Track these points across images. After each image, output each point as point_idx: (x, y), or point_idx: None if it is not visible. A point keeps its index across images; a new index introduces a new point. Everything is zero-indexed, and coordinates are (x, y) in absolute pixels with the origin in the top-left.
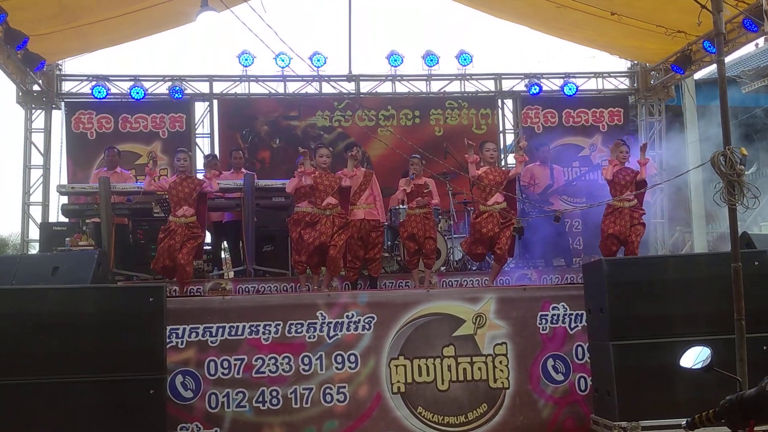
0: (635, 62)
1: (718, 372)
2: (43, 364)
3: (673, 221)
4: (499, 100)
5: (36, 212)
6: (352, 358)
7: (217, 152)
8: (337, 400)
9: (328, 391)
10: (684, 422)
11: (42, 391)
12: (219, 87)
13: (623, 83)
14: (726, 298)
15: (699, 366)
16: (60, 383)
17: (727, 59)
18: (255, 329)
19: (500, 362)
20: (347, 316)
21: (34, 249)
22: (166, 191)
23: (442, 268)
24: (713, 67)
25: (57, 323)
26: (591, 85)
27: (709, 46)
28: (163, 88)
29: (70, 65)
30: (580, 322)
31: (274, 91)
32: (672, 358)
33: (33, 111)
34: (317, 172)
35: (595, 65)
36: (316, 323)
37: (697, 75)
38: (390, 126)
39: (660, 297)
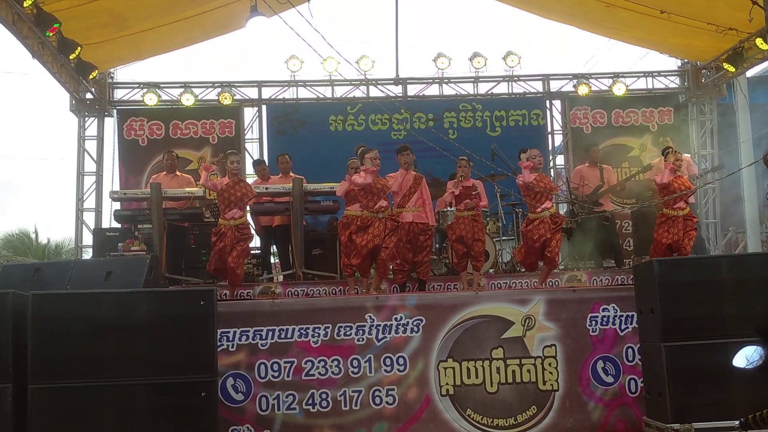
0: (686, 61)
1: None
2: (97, 367)
3: (725, 221)
4: (548, 101)
5: (89, 218)
6: (401, 361)
7: (265, 157)
8: (386, 403)
9: (377, 393)
10: (737, 423)
11: (96, 394)
12: (267, 92)
13: (674, 82)
14: None
15: (752, 365)
16: (114, 386)
17: None
18: (304, 332)
19: (549, 364)
20: (396, 319)
21: (88, 254)
22: (217, 192)
23: (491, 270)
24: (766, 64)
25: (111, 327)
26: (641, 84)
27: (762, 43)
28: (212, 95)
29: (122, 73)
30: (631, 324)
31: (321, 96)
32: (725, 359)
33: (86, 118)
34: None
35: (645, 64)
36: (364, 326)
37: (750, 73)
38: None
39: (712, 298)
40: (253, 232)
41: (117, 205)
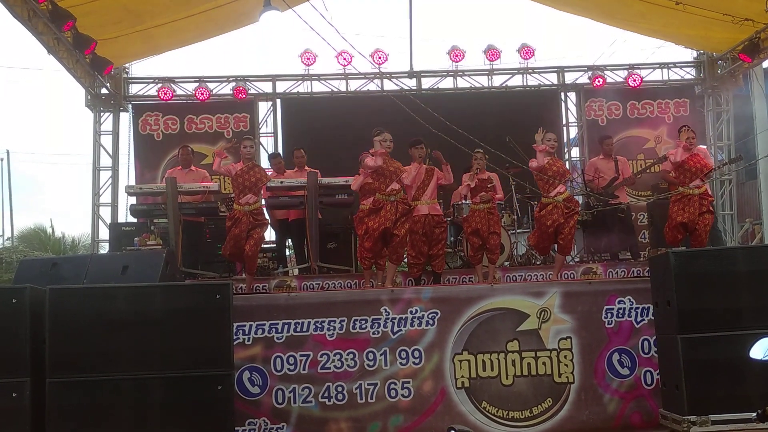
0: (701, 52)
1: None
2: (114, 361)
3: (742, 213)
4: (562, 93)
5: (105, 213)
6: (416, 354)
7: (280, 151)
8: (402, 396)
9: (392, 386)
10: (754, 415)
11: (113, 387)
12: (282, 86)
13: (689, 73)
14: None
15: None
16: (131, 380)
17: None
18: (320, 325)
19: (565, 356)
20: (411, 312)
21: (104, 249)
22: (232, 177)
23: (506, 263)
24: None
25: (127, 321)
26: (656, 76)
27: None
28: (227, 89)
29: (137, 68)
30: (647, 316)
31: (336, 89)
32: (741, 350)
33: (101, 114)
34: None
35: (660, 56)
36: (380, 319)
37: (766, 63)
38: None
39: (729, 289)
40: (267, 217)
41: (133, 200)
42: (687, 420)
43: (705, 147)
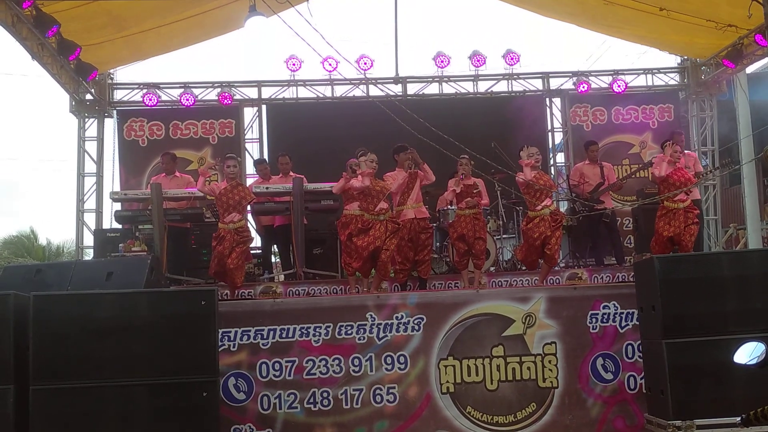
0: (685, 58)
1: None
2: (98, 368)
3: (726, 218)
4: (547, 99)
5: (90, 219)
6: (402, 359)
7: (266, 157)
8: (387, 401)
9: (378, 391)
10: (739, 419)
11: (98, 395)
12: (267, 92)
13: (673, 79)
14: None
15: (754, 362)
16: (115, 387)
17: None
18: (305, 331)
19: (549, 362)
20: (397, 318)
21: (89, 255)
22: (215, 197)
23: (492, 269)
24: (765, 60)
25: (112, 327)
26: (640, 81)
27: (761, 39)
28: (212, 95)
29: (122, 74)
30: (631, 321)
31: (321, 95)
32: (726, 355)
33: (86, 120)
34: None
35: (645, 62)
36: (365, 325)
37: (750, 69)
38: None
39: (713, 294)
40: (253, 234)
41: (117, 206)
42: (672, 425)
43: (695, 153)
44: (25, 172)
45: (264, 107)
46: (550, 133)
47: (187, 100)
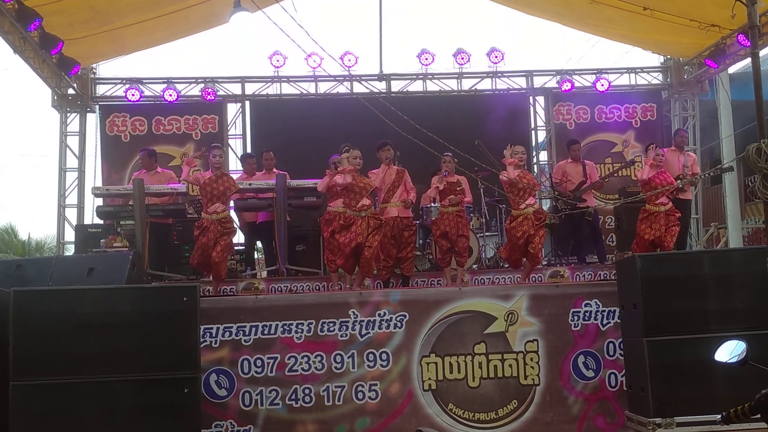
0: (668, 57)
1: (753, 366)
2: (79, 364)
3: (707, 217)
4: (531, 97)
5: (71, 214)
6: (384, 356)
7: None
8: (369, 398)
9: (360, 388)
10: (719, 417)
11: (79, 391)
12: (251, 88)
13: (656, 78)
14: (761, 293)
15: (734, 360)
16: (97, 383)
17: (762, 52)
18: (288, 328)
19: (531, 359)
20: (379, 315)
21: (70, 251)
22: (200, 186)
23: (474, 266)
24: (748, 60)
25: (93, 323)
26: (624, 80)
27: (744, 39)
28: (195, 90)
29: (105, 68)
30: (612, 319)
31: (305, 92)
32: (707, 353)
33: (68, 114)
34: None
35: (628, 61)
36: (348, 322)
37: (732, 69)
38: None
39: (694, 293)
40: (236, 226)
41: (99, 202)
42: (652, 422)
43: (694, 154)
44: (5, 166)
45: (247, 103)
46: (533, 131)
47: (171, 95)
